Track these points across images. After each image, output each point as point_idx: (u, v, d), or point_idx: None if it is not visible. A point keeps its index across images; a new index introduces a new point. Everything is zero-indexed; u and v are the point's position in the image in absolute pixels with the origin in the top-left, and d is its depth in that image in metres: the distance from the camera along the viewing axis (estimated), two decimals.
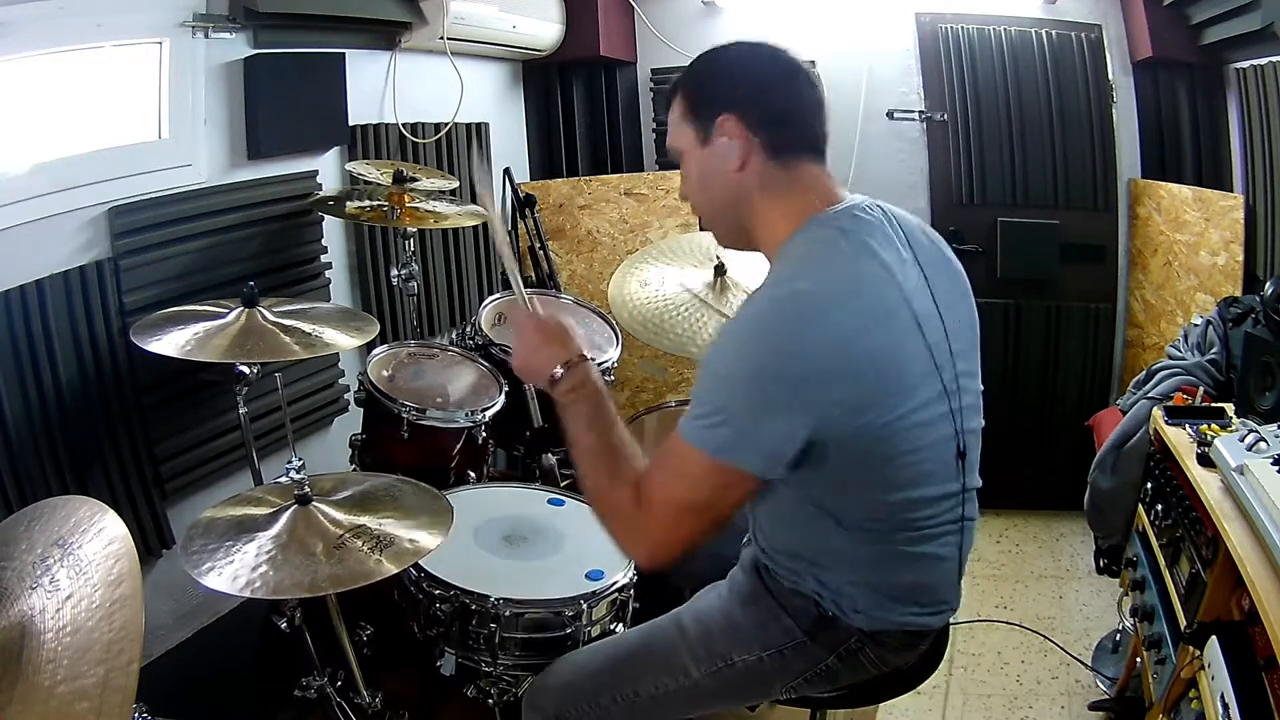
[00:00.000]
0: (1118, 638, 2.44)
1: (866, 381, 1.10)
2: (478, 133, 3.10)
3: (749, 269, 2.42)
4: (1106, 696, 2.28)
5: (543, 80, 3.55)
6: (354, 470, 2.09)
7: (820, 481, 1.17)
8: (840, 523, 1.21)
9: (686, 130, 1.27)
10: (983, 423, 1.32)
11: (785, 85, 1.24)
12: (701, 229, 1.41)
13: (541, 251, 3.30)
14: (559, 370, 1.27)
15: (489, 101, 3.28)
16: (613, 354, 2.43)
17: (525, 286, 1.59)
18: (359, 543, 1.38)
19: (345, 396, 2.51)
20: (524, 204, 3.30)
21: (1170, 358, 2.39)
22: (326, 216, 2.39)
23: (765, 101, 1.22)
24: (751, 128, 1.21)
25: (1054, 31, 3.12)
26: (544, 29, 3.21)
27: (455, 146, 2.96)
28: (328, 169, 2.47)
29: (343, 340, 1.80)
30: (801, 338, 1.09)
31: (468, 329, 2.39)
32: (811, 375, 1.08)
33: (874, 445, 1.14)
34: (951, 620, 1.41)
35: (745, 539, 1.41)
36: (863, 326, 1.11)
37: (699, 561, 1.56)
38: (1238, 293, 2.54)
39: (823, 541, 1.24)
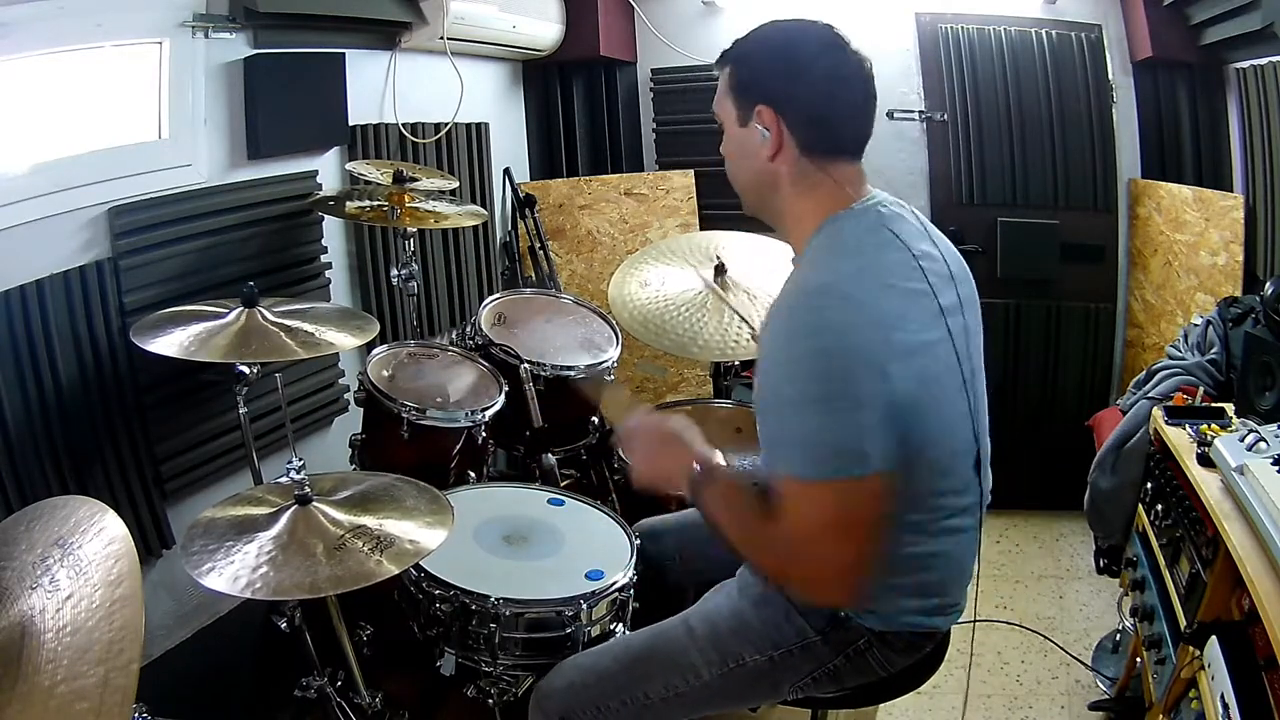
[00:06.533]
0: (1118, 638, 2.44)
1: (911, 363, 1.12)
2: (478, 133, 3.10)
3: (749, 269, 2.42)
4: (1106, 696, 2.28)
5: (543, 80, 3.55)
6: (354, 470, 2.09)
7: None
8: None
9: (728, 105, 1.28)
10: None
11: (830, 86, 1.23)
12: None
13: (541, 251, 3.30)
14: (691, 483, 1.25)
15: (489, 101, 3.28)
16: (613, 354, 2.43)
17: (525, 286, 1.60)
18: (359, 543, 1.38)
19: (345, 396, 2.51)
20: (524, 204, 3.30)
21: (1170, 358, 2.39)
22: (326, 216, 2.39)
23: (806, 101, 1.22)
24: (787, 122, 1.22)
25: (1054, 31, 3.12)
26: (544, 29, 3.21)
27: (455, 146, 2.96)
28: (328, 169, 2.47)
29: (343, 340, 1.80)
30: (844, 333, 1.09)
31: (468, 329, 2.39)
32: (864, 364, 1.09)
33: (911, 435, 1.13)
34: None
35: None
36: (899, 312, 1.13)
37: (703, 561, 1.57)
38: (1238, 293, 2.54)
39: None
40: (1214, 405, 1.94)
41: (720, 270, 2.37)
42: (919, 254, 1.21)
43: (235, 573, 1.29)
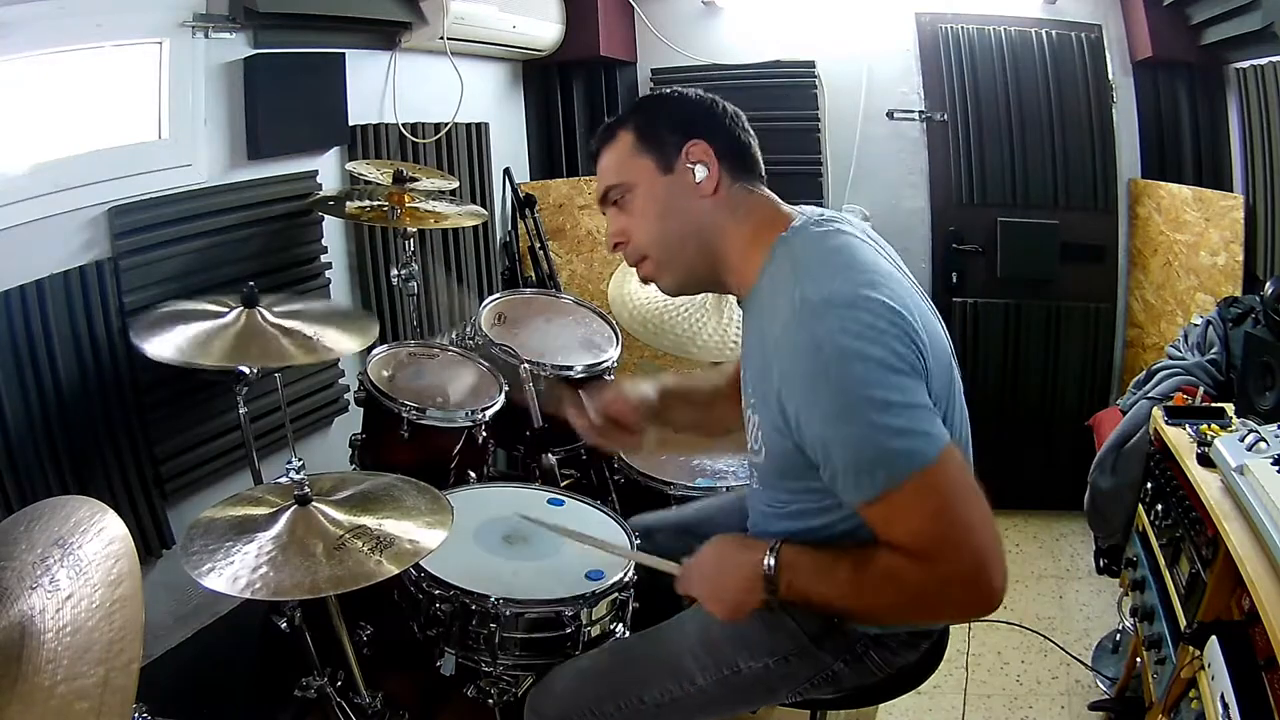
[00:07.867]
0: (1118, 638, 2.44)
1: (937, 348, 1.12)
2: (478, 133, 3.10)
3: None
4: (1106, 696, 2.28)
5: (543, 80, 3.55)
6: (354, 470, 2.09)
7: None
8: (849, 520, 1.17)
9: (641, 161, 1.25)
10: None
11: (733, 119, 1.28)
12: (644, 278, 1.31)
13: (541, 251, 3.30)
14: (768, 581, 1.16)
15: (489, 101, 3.28)
16: (613, 354, 2.43)
17: (525, 286, 1.58)
18: (359, 543, 1.38)
19: (345, 396, 2.51)
20: (524, 204, 3.30)
21: (1170, 358, 2.40)
22: (326, 216, 2.39)
23: (724, 129, 1.26)
24: (719, 153, 1.23)
25: (1054, 31, 3.12)
26: (544, 29, 3.21)
27: (455, 146, 2.96)
28: (328, 169, 2.47)
29: (343, 343, 1.80)
30: (888, 321, 1.05)
31: (468, 329, 2.39)
32: (916, 338, 1.07)
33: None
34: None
35: None
36: (915, 305, 1.12)
37: None
38: (1238, 293, 2.54)
39: (830, 543, 1.22)
40: (1214, 405, 1.94)
41: None
42: (889, 258, 1.21)
43: (235, 573, 1.29)
